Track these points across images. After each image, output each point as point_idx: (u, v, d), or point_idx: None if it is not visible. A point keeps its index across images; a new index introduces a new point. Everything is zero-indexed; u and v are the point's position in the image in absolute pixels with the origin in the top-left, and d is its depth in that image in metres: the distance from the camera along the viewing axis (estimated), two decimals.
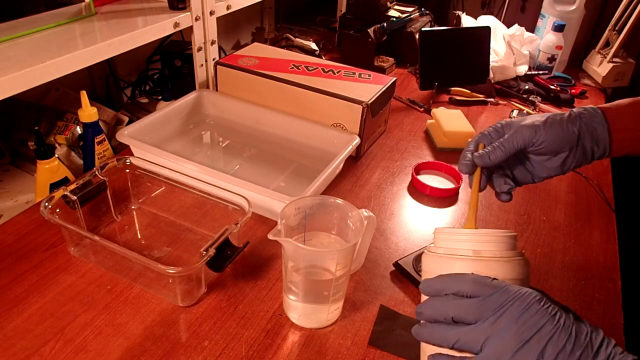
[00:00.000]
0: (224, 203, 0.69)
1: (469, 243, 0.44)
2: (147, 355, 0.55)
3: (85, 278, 0.64)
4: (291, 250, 0.55)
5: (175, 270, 0.56)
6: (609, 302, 0.67)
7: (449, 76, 1.23)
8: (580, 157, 0.54)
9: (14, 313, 0.59)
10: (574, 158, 0.54)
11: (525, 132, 0.54)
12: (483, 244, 0.44)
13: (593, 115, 0.55)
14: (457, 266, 0.43)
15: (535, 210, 0.84)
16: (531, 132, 0.53)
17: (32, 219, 0.73)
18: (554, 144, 0.53)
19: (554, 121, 0.54)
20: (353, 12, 1.43)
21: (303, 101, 0.93)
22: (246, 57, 1.01)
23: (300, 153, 0.93)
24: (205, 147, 0.98)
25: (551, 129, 0.53)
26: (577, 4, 1.33)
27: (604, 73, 1.32)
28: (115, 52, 0.79)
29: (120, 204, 0.76)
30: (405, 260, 0.69)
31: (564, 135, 0.53)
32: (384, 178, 0.90)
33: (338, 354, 0.57)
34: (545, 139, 0.53)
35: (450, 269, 0.43)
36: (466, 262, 0.43)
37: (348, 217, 0.59)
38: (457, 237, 0.46)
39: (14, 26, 0.79)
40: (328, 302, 0.58)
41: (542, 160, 0.55)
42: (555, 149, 0.54)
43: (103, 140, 0.85)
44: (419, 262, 0.68)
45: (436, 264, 0.46)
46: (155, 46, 1.19)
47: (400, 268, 0.68)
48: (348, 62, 1.07)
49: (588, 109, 0.55)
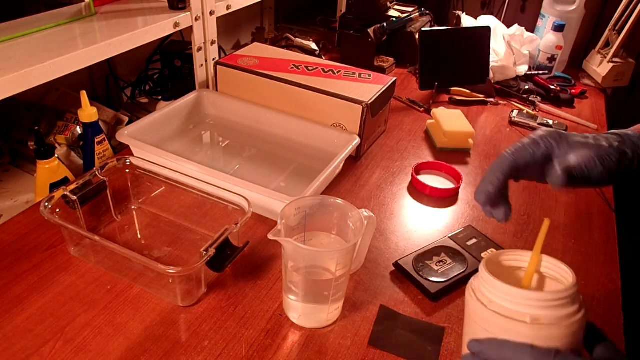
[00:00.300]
0: (224, 203, 0.69)
1: (526, 308, 0.40)
2: (147, 355, 0.55)
3: (85, 278, 0.64)
4: (291, 250, 0.55)
5: (175, 270, 0.56)
6: (609, 302, 0.67)
7: (449, 76, 1.23)
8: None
9: (14, 313, 0.59)
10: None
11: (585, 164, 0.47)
12: (543, 310, 0.40)
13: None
14: (512, 331, 0.40)
15: (535, 211, 0.84)
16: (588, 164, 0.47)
17: (32, 219, 0.73)
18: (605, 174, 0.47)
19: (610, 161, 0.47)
20: (353, 12, 1.43)
21: (303, 101, 0.93)
22: (246, 57, 1.01)
23: (300, 153, 0.93)
24: (205, 147, 0.98)
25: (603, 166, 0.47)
26: (577, 4, 1.33)
27: (604, 73, 1.32)
28: (115, 52, 0.79)
29: (120, 204, 0.76)
30: (405, 260, 0.69)
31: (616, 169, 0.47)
32: (384, 178, 0.90)
33: (338, 354, 0.57)
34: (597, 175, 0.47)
35: (504, 332, 0.40)
36: (523, 329, 0.39)
37: (348, 217, 0.59)
38: (513, 298, 0.41)
39: (14, 26, 0.79)
40: (328, 302, 0.58)
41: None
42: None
43: (103, 140, 0.85)
44: (419, 262, 0.68)
45: (486, 319, 0.42)
46: (155, 46, 1.19)
47: (401, 268, 0.68)
48: (348, 62, 1.07)
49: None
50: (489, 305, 0.43)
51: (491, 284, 0.43)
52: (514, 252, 0.48)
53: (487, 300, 0.43)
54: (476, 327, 0.44)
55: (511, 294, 0.41)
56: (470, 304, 0.45)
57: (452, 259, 0.69)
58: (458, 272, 0.67)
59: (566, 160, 0.48)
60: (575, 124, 1.15)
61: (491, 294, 0.43)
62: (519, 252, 0.48)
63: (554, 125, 1.10)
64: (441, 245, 0.72)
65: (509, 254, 0.48)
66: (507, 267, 0.49)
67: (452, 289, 0.66)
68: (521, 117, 1.13)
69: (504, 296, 0.41)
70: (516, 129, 1.12)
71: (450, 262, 0.69)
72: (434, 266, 0.68)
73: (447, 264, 0.68)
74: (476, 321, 0.44)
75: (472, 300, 0.45)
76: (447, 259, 0.69)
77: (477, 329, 0.44)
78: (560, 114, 1.19)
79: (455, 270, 0.67)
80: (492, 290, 0.43)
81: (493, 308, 0.42)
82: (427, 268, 0.68)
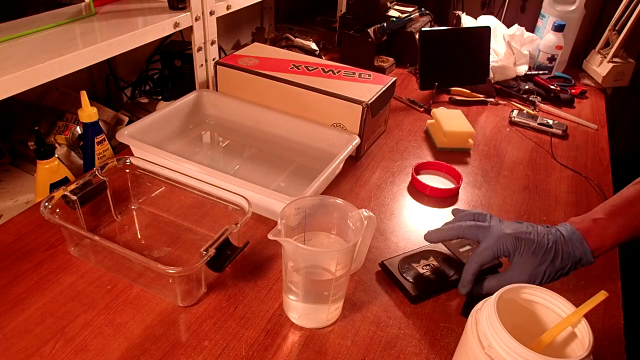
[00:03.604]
0: (224, 203, 0.69)
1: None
2: (147, 355, 0.55)
3: (85, 278, 0.64)
4: (291, 250, 0.55)
5: (175, 270, 0.56)
6: (609, 302, 0.67)
7: (449, 76, 1.23)
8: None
9: (14, 313, 0.59)
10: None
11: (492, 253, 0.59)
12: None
13: (571, 236, 0.58)
14: None
15: (535, 211, 0.84)
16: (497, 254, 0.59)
17: (32, 219, 0.73)
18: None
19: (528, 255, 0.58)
20: (353, 12, 1.43)
21: (303, 101, 0.93)
22: (246, 57, 1.01)
23: (300, 153, 0.93)
24: (205, 147, 0.98)
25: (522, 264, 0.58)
26: (577, 4, 1.33)
27: (604, 73, 1.32)
28: (115, 52, 0.79)
29: (120, 204, 0.76)
30: (391, 261, 0.69)
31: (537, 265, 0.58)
32: (384, 178, 0.90)
33: (338, 354, 0.57)
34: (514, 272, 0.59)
35: None
36: None
37: (348, 217, 0.59)
38: (516, 356, 0.40)
39: (14, 26, 0.79)
40: (328, 302, 0.58)
41: None
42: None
43: (103, 140, 0.85)
44: (405, 263, 0.68)
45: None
46: (155, 46, 1.19)
47: (385, 268, 0.68)
48: (348, 62, 1.07)
49: (565, 230, 0.59)
50: (486, 348, 0.41)
51: (496, 329, 0.41)
52: (538, 288, 0.47)
53: (487, 343, 0.41)
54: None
55: (517, 350, 0.39)
56: (469, 337, 0.44)
57: (439, 263, 0.69)
58: (443, 277, 0.66)
59: (514, 280, 0.58)
60: (575, 123, 1.15)
61: (493, 339, 0.41)
62: (542, 290, 0.47)
63: (554, 125, 1.10)
64: (432, 249, 0.71)
65: (532, 288, 0.47)
66: (524, 301, 0.48)
67: (434, 293, 0.65)
68: (521, 117, 1.13)
69: (506, 349, 0.39)
70: (516, 129, 1.12)
71: (438, 266, 0.68)
72: (420, 269, 0.67)
73: (434, 268, 0.68)
74: (468, 355, 0.43)
75: (472, 335, 0.43)
76: (434, 262, 0.69)
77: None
78: (560, 113, 1.19)
79: (441, 275, 0.67)
80: (496, 337, 0.41)
81: (490, 353, 0.40)
82: (412, 270, 0.67)
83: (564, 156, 1.02)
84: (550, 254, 0.57)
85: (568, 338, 0.46)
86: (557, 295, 0.47)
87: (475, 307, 0.47)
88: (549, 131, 1.09)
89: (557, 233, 0.58)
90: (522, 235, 0.58)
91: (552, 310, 0.47)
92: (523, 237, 0.57)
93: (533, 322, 0.49)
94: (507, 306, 0.46)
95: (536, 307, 0.48)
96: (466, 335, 0.45)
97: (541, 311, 0.48)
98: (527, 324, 0.48)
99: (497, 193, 0.88)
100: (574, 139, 1.09)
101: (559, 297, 0.47)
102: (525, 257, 0.57)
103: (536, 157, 1.01)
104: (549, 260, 0.57)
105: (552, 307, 0.47)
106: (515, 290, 0.47)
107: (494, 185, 0.90)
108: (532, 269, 0.57)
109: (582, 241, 0.57)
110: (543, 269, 0.57)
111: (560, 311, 0.46)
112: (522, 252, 0.57)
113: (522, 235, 0.58)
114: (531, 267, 0.57)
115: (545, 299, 0.47)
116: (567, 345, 0.46)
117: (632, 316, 0.73)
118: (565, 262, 0.57)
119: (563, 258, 0.57)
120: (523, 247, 0.57)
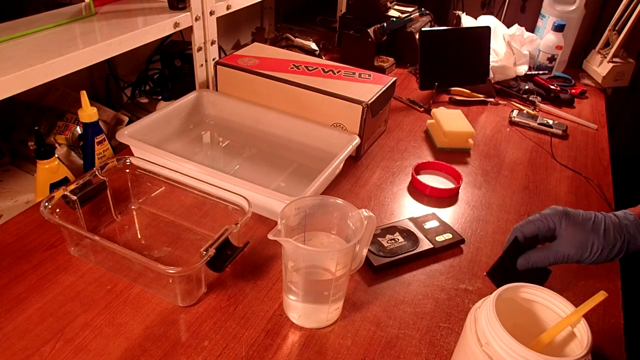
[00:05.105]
0: (224, 203, 0.69)
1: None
2: (147, 355, 0.55)
3: (85, 278, 0.64)
4: (291, 250, 0.55)
5: (175, 270, 0.56)
6: (609, 302, 0.67)
7: (449, 76, 1.23)
8: None
9: (14, 313, 0.59)
10: None
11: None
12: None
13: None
14: None
15: (535, 211, 0.84)
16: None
17: (32, 219, 0.73)
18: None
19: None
20: (353, 12, 1.43)
21: (303, 101, 0.93)
22: (246, 57, 1.01)
23: (300, 153, 0.93)
24: (205, 147, 0.98)
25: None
26: (577, 4, 1.33)
27: (604, 73, 1.32)
28: (115, 52, 0.79)
29: (120, 204, 0.76)
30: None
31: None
32: (384, 178, 0.90)
33: (338, 354, 0.57)
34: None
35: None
36: None
37: (348, 217, 0.59)
38: (515, 354, 0.40)
39: (14, 26, 0.79)
40: (328, 302, 0.58)
41: None
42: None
43: (103, 140, 0.85)
44: (372, 237, 0.69)
45: (476, 358, 0.41)
46: (155, 46, 1.19)
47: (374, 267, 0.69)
48: (348, 62, 1.07)
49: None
50: (484, 346, 0.41)
51: (495, 327, 0.41)
52: (537, 287, 0.47)
53: (485, 341, 0.41)
54: (466, 358, 0.43)
55: (515, 349, 0.39)
56: (467, 335, 0.43)
57: (404, 239, 0.72)
58: (405, 251, 0.70)
59: (560, 252, 0.57)
60: (575, 123, 1.15)
61: (491, 337, 0.41)
62: (542, 290, 0.47)
63: (554, 125, 1.10)
64: (397, 225, 0.75)
65: (531, 287, 0.47)
66: (523, 300, 0.48)
67: (394, 264, 0.69)
68: (521, 117, 1.13)
69: (505, 347, 0.40)
70: (516, 129, 1.12)
71: (402, 241, 0.72)
72: (384, 243, 0.71)
73: (398, 242, 0.72)
74: (467, 353, 0.43)
75: (470, 333, 0.43)
76: (399, 237, 0.72)
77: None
78: (560, 113, 1.19)
79: (403, 249, 0.71)
80: (494, 335, 0.41)
81: (487, 350, 0.40)
82: (377, 244, 0.71)
83: (564, 156, 1.02)
84: (600, 227, 0.54)
85: (567, 338, 0.46)
86: (557, 295, 0.47)
87: (475, 306, 0.47)
88: (549, 131, 1.09)
89: (607, 214, 0.56)
90: (568, 209, 0.57)
91: (551, 310, 0.47)
92: (568, 210, 0.56)
93: (532, 322, 0.48)
94: (507, 305, 0.46)
95: (536, 306, 0.48)
96: (465, 333, 0.45)
97: (541, 311, 0.48)
98: (526, 323, 0.48)
99: (497, 193, 0.88)
100: (574, 139, 1.09)
101: (558, 296, 0.47)
102: (571, 228, 0.55)
103: (536, 157, 1.01)
104: (598, 233, 0.54)
105: (551, 307, 0.47)
106: (515, 290, 0.47)
107: (494, 185, 0.90)
108: (580, 240, 0.54)
109: (636, 219, 0.55)
110: (591, 241, 0.54)
111: (560, 311, 0.46)
112: (568, 223, 0.55)
113: (568, 209, 0.57)
114: (578, 237, 0.54)
115: (544, 299, 0.47)
116: (566, 345, 0.46)
117: (632, 316, 0.73)
118: (617, 238, 0.54)
119: (615, 234, 0.54)
120: (568, 219, 0.55)
